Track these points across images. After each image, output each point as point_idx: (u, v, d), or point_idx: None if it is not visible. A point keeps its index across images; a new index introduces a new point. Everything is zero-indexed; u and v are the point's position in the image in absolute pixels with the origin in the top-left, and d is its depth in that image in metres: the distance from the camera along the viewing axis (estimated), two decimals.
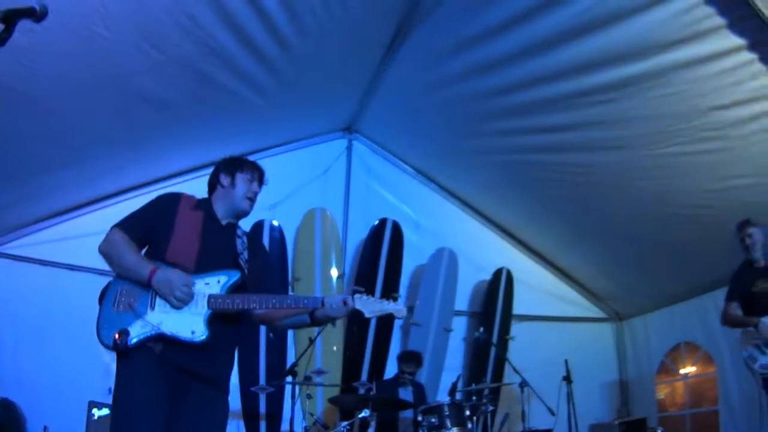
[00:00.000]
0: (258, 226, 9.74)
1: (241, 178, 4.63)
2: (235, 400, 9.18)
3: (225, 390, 4.39)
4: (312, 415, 8.70)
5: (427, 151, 10.89)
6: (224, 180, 4.63)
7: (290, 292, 9.99)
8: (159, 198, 4.55)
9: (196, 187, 9.45)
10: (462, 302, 11.15)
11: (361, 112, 10.42)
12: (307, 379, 8.38)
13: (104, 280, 4.24)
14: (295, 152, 10.63)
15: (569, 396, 8.79)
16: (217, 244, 4.43)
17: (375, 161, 11.26)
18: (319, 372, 8.42)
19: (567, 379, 8.87)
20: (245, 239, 4.66)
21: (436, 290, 10.55)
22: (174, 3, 6.13)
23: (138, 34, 6.32)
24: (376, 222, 10.58)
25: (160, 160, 9.05)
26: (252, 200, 4.65)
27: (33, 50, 5.75)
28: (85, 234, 8.42)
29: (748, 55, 6.19)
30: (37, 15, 3.00)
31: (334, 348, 9.86)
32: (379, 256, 10.30)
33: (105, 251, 4.23)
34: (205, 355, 4.11)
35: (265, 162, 9.90)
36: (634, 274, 10.70)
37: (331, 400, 8.25)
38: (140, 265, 4.11)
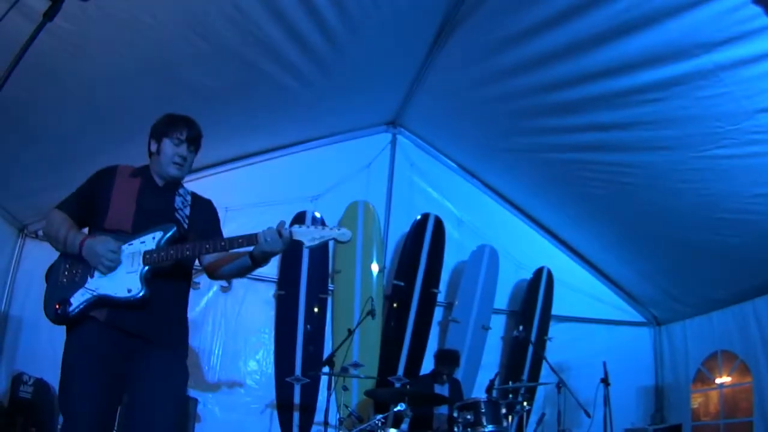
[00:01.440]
0: (300, 217, 9.78)
1: (167, 144, 4.42)
2: (269, 389, 9.27)
3: (179, 351, 4.34)
4: (347, 407, 8.71)
5: (471, 147, 10.85)
6: (152, 146, 4.52)
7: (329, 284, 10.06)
8: (94, 174, 4.54)
9: (243, 175, 9.55)
10: (501, 300, 11.13)
11: (406, 106, 10.41)
12: (344, 371, 8.40)
13: None
14: (339, 145, 10.67)
15: (606, 399, 8.70)
16: (154, 206, 4.37)
17: (418, 156, 11.25)
18: (356, 365, 8.45)
19: (605, 381, 8.77)
20: (188, 197, 4.63)
21: (476, 287, 10.53)
22: None
23: (184, 22, 6.37)
24: (419, 217, 10.56)
25: (203, 149, 9.05)
26: (179, 165, 4.45)
27: (78, 37, 5.83)
28: None
29: None
30: None
31: (372, 344, 9.86)
32: (421, 251, 10.29)
33: (45, 231, 4.40)
34: (149, 315, 4.09)
35: (309, 153, 10.10)
36: (674, 279, 10.58)
37: (367, 393, 8.26)
38: (72, 238, 4.15)
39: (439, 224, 10.53)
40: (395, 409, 7.50)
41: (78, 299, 4.00)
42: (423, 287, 10.23)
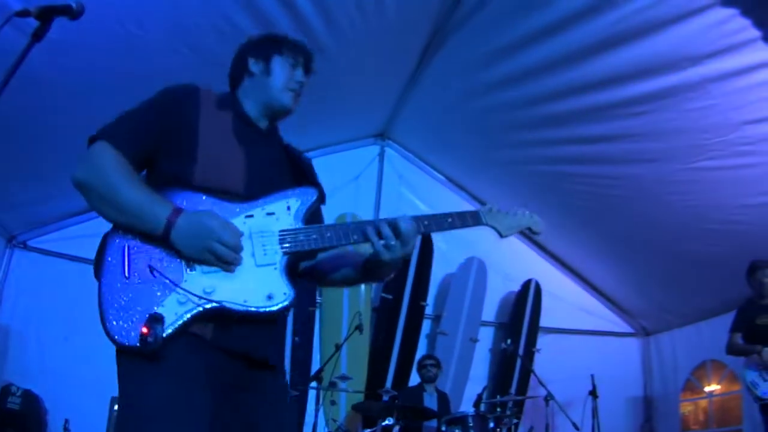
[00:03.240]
0: None
1: (279, 63, 3.04)
2: None
3: (285, 379, 2.99)
4: (335, 420, 8.68)
5: (460, 160, 10.88)
6: (254, 66, 3.07)
7: None
8: (167, 91, 2.93)
9: None
10: (489, 313, 11.13)
11: (394, 118, 10.41)
12: (332, 385, 8.35)
13: None
14: (328, 157, 10.54)
15: (594, 411, 8.72)
16: (264, 156, 2.91)
17: (407, 168, 11.24)
18: (344, 378, 8.41)
19: (593, 394, 8.79)
20: (291, 151, 3.18)
21: (463, 300, 10.51)
22: (209, 4, 6.19)
23: (173, 34, 6.39)
24: None
25: None
26: (296, 93, 3.04)
27: (67, 46, 5.80)
28: None
29: None
30: (73, 13, 2.93)
31: (360, 356, 9.84)
32: (408, 264, 10.19)
33: (85, 181, 2.62)
34: (270, 331, 2.70)
35: None
36: (663, 290, 10.59)
37: (355, 408, 8.22)
38: (150, 205, 2.51)
39: (427, 236, 10.40)
40: (383, 424, 7.49)
41: (174, 311, 2.42)
42: (411, 300, 10.18)
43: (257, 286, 2.52)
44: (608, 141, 8.02)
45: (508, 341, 9.62)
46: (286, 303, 2.52)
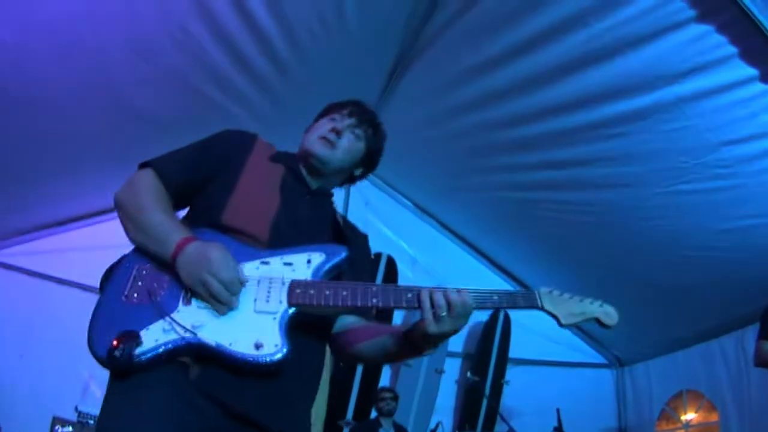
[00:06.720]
0: None
1: (322, 121, 3.10)
2: None
3: None
4: None
5: (428, 186, 10.70)
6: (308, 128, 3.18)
7: None
8: (222, 133, 2.96)
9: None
10: (456, 343, 10.91)
11: None
12: None
13: (91, 297, 3.10)
14: None
15: None
16: (303, 211, 2.84)
17: (373, 194, 11.03)
18: None
19: (559, 430, 8.56)
20: (341, 219, 3.14)
21: None
22: (166, 15, 5.97)
23: (127, 44, 6.15)
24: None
25: None
26: (326, 140, 2.97)
27: (25, 53, 5.66)
28: (75, 248, 8.43)
29: (762, 86, 5.97)
30: None
31: (321, 386, 9.50)
32: None
33: (121, 200, 2.65)
34: (275, 389, 2.44)
35: None
36: (637, 319, 10.33)
37: None
38: (168, 230, 2.50)
39: (391, 263, 10.34)
40: None
41: (156, 336, 2.31)
42: None
43: (248, 331, 2.36)
44: (580, 165, 7.84)
45: (468, 374, 9.48)
46: (276, 357, 2.31)
